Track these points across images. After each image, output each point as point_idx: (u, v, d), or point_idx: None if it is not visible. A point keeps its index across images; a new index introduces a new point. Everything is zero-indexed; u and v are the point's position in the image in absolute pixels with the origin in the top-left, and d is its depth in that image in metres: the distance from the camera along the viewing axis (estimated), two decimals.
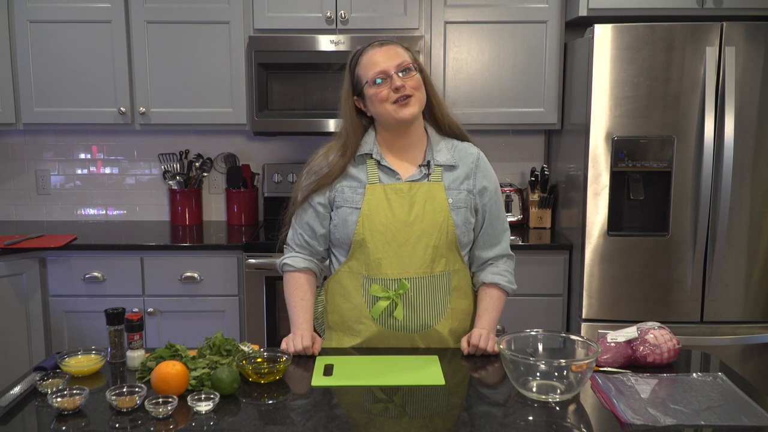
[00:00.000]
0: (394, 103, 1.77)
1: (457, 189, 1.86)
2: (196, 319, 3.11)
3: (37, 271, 3.06)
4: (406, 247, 1.81)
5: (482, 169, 1.90)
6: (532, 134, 3.64)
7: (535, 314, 3.10)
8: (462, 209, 1.85)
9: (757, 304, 2.94)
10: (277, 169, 3.53)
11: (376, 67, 1.77)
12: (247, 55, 3.21)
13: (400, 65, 1.77)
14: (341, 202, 1.86)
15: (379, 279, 1.83)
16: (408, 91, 1.77)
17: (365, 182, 1.84)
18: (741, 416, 1.42)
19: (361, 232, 1.82)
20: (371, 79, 1.77)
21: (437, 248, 1.82)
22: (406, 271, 1.82)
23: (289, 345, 1.79)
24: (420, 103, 1.81)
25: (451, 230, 1.83)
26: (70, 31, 3.22)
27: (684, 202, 2.87)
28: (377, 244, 1.82)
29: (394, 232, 1.81)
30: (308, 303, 1.90)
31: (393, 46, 1.81)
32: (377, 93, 1.77)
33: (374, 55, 1.79)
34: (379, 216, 1.81)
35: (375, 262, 1.82)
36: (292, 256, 1.94)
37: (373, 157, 1.85)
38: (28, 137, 3.64)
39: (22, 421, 1.45)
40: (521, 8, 3.20)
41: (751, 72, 2.80)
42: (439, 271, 1.84)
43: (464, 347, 1.80)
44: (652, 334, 1.70)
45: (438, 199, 1.83)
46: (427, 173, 1.85)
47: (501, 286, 1.91)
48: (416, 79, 1.79)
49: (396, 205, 1.82)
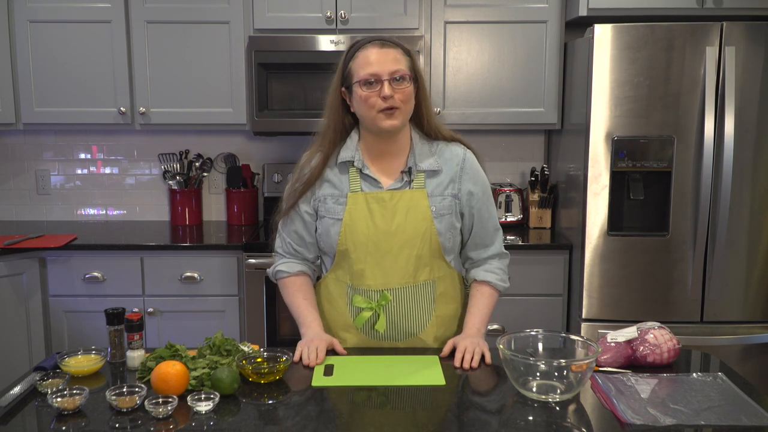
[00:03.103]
0: (380, 112, 1.73)
1: (440, 195, 1.82)
2: (196, 319, 3.11)
3: (37, 271, 3.06)
4: (388, 258, 1.80)
5: (468, 172, 1.85)
6: (532, 134, 3.64)
7: (535, 314, 3.10)
8: (446, 216, 1.82)
9: (757, 304, 2.94)
10: (277, 169, 3.53)
11: (370, 68, 1.72)
12: (247, 55, 3.21)
13: (394, 73, 1.72)
14: (324, 212, 1.84)
15: (361, 290, 1.83)
16: (395, 103, 1.72)
17: (347, 191, 1.82)
18: (741, 416, 1.42)
19: (343, 243, 1.80)
20: (362, 79, 1.73)
21: (420, 258, 1.81)
22: (388, 281, 1.81)
23: (304, 356, 1.71)
24: (405, 115, 1.77)
25: (435, 239, 1.80)
26: (70, 31, 3.22)
27: (684, 202, 2.87)
28: (359, 255, 1.80)
29: (376, 242, 1.79)
30: (312, 302, 1.90)
31: (393, 49, 1.75)
32: (365, 96, 1.73)
33: (372, 54, 1.73)
34: (361, 226, 1.79)
35: (358, 273, 1.82)
36: (285, 263, 1.92)
37: (355, 165, 1.82)
38: (28, 137, 3.64)
39: (22, 421, 1.45)
40: (521, 8, 3.20)
41: (751, 72, 2.79)
42: (423, 280, 1.83)
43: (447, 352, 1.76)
44: (652, 334, 1.70)
45: (420, 207, 1.80)
46: (409, 180, 1.81)
47: (493, 284, 1.90)
48: (407, 92, 1.74)
49: (377, 215, 1.79)
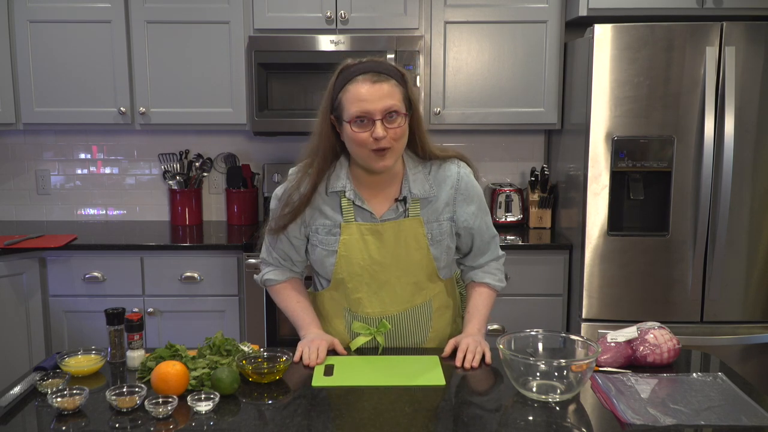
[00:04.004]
0: (372, 151, 1.66)
1: (436, 221, 1.80)
2: (196, 319, 3.11)
3: (37, 271, 3.06)
4: (386, 288, 1.80)
5: (462, 193, 1.81)
6: (532, 134, 3.64)
7: (535, 314, 3.10)
8: (442, 241, 1.81)
9: (757, 304, 2.94)
10: (277, 169, 3.53)
11: (361, 106, 1.63)
12: (247, 55, 3.21)
13: (387, 109, 1.63)
14: (317, 242, 1.81)
15: (360, 316, 1.83)
16: (387, 143, 1.65)
17: (340, 221, 1.77)
18: (741, 416, 1.42)
19: (339, 273, 1.80)
20: (353, 116, 1.64)
21: (417, 284, 1.82)
22: (386, 310, 1.82)
23: (304, 356, 1.71)
24: (397, 153, 1.70)
25: (431, 265, 1.81)
26: (70, 31, 3.22)
27: (684, 202, 2.87)
28: (356, 285, 1.80)
29: (372, 274, 1.79)
30: (307, 303, 1.90)
31: (386, 83, 1.65)
32: (355, 135, 1.65)
33: (363, 89, 1.63)
34: (356, 258, 1.77)
35: (355, 301, 1.82)
36: (273, 270, 1.90)
37: (347, 197, 1.76)
38: (28, 137, 3.64)
39: (22, 421, 1.45)
40: (521, 8, 3.20)
41: (751, 72, 2.79)
42: (420, 302, 1.84)
43: (448, 352, 1.77)
44: (652, 334, 1.70)
45: (416, 235, 1.77)
46: (405, 209, 1.77)
47: (491, 285, 1.91)
48: (399, 131, 1.66)
49: (372, 247, 1.77)
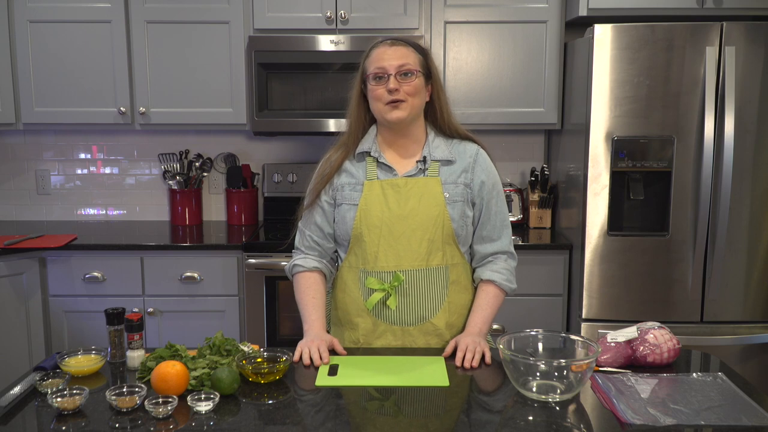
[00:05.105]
0: (387, 104, 1.81)
1: (454, 183, 1.87)
2: (196, 319, 3.11)
3: (37, 271, 3.06)
4: (401, 240, 1.84)
5: (481, 164, 1.91)
6: (532, 134, 3.64)
7: (535, 314, 3.10)
8: (459, 203, 1.87)
9: (757, 304, 2.94)
10: (277, 169, 3.53)
11: (378, 63, 1.81)
12: (247, 55, 3.21)
13: (401, 67, 1.80)
14: (341, 199, 1.90)
15: (375, 272, 1.86)
16: (401, 95, 1.80)
17: (363, 179, 1.88)
18: (741, 416, 1.42)
19: (358, 227, 1.85)
20: (371, 74, 1.82)
21: (433, 241, 1.84)
22: (401, 263, 1.84)
23: (305, 356, 1.72)
24: (412, 108, 1.83)
25: (447, 224, 1.84)
26: (70, 31, 3.22)
27: (684, 202, 2.87)
28: (373, 238, 1.85)
29: (390, 225, 1.84)
30: (320, 301, 1.91)
31: (402, 47, 1.83)
32: (373, 90, 1.82)
33: (382, 52, 1.83)
34: (375, 210, 1.84)
35: (372, 256, 1.85)
36: (302, 258, 1.97)
37: (372, 155, 1.89)
38: (28, 137, 3.64)
39: (22, 421, 1.45)
40: (521, 8, 3.20)
41: (751, 72, 2.79)
42: (436, 264, 1.86)
43: (448, 352, 1.78)
44: (652, 334, 1.70)
45: (434, 193, 1.85)
46: (424, 168, 1.88)
47: (498, 283, 1.90)
48: (414, 85, 1.81)
49: (392, 200, 1.85)
